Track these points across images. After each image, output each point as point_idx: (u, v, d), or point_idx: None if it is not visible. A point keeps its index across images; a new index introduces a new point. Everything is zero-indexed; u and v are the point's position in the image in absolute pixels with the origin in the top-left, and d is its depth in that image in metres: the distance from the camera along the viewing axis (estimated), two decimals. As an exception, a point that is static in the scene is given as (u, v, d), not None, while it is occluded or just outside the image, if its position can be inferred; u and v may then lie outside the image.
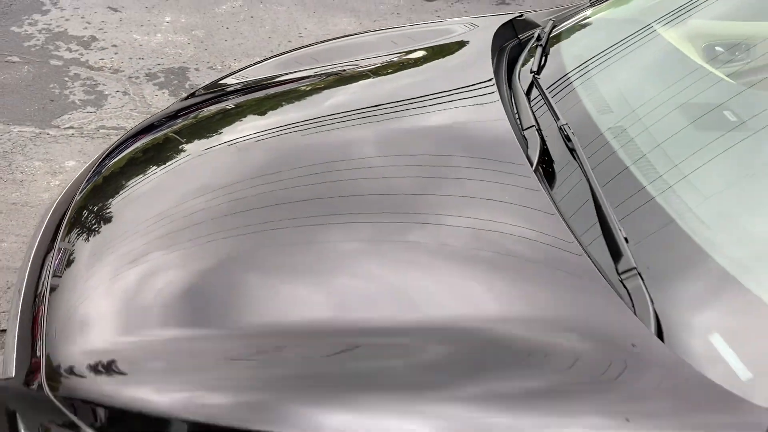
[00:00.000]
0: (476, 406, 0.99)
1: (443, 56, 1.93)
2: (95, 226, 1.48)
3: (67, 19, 4.39)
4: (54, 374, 1.19)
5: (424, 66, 1.91)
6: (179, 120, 1.82)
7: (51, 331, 1.27)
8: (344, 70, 1.91)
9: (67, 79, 3.82)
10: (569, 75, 1.66)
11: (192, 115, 1.83)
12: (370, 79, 1.83)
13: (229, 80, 2.10)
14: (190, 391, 1.08)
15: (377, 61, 1.91)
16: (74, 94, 3.65)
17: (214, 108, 1.84)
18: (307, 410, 1.01)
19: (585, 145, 1.37)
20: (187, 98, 2.08)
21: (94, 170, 1.71)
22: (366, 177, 1.40)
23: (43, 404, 1.16)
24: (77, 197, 1.61)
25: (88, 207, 1.55)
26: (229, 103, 1.84)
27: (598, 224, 1.21)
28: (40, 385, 1.19)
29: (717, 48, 1.66)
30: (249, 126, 1.69)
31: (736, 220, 1.22)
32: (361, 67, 1.91)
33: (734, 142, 1.30)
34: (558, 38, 1.90)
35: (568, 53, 1.78)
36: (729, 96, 1.43)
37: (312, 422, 0.99)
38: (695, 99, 1.45)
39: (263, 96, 1.87)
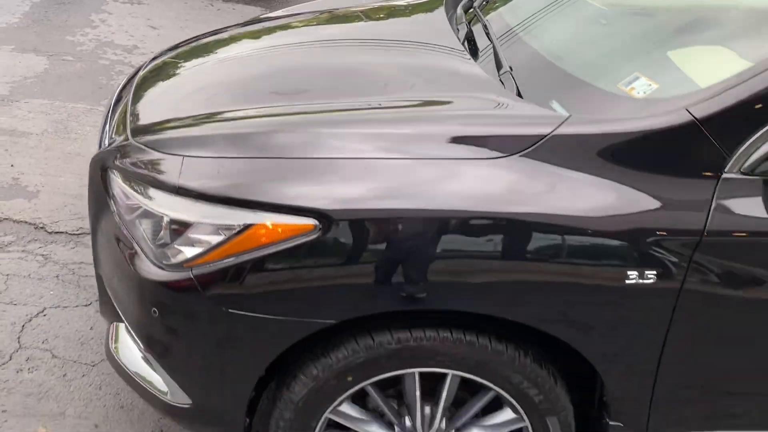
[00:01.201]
0: None
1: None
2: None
3: (113, 33, 5.13)
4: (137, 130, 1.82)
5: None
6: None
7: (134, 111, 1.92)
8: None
9: (113, 73, 4.50)
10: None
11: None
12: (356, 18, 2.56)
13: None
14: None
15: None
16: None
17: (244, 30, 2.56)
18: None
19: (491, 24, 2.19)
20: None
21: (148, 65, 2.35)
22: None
23: (129, 148, 1.75)
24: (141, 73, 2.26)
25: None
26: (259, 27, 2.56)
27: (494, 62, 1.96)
28: (127, 138, 1.77)
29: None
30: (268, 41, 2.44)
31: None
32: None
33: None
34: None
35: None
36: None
37: None
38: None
39: (283, 23, 2.59)
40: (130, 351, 1.92)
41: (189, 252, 1.59)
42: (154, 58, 2.38)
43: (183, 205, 1.60)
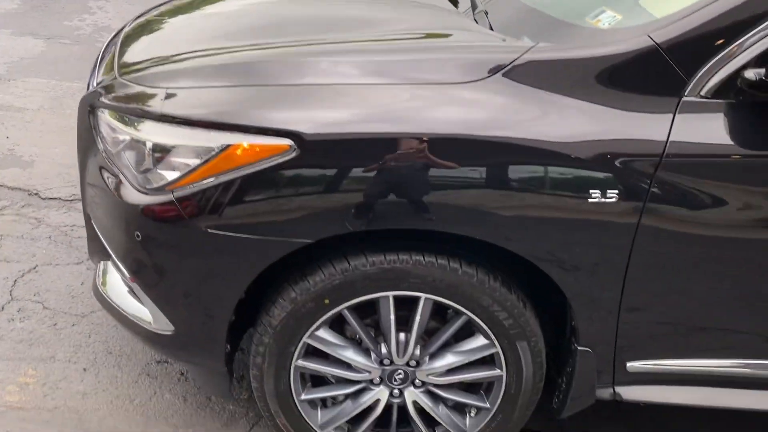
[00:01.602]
0: None
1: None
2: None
3: (110, 18, 5.19)
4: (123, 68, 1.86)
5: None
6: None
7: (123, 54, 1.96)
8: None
9: (108, 56, 4.61)
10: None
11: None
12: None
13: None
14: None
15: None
16: (113, 70, 4.41)
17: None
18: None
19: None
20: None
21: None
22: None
23: (115, 84, 1.80)
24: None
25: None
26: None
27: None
28: (114, 77, 1.82)
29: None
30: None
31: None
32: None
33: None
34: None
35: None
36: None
37: None
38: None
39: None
40: (116, 286, 1.97)
41: (170, 176, 1.65)
42: (138, 17, 2.45)
43: (165, 130, 1.65)
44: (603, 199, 1.59)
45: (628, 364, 1.84)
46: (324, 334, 1.81)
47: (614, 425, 2.23)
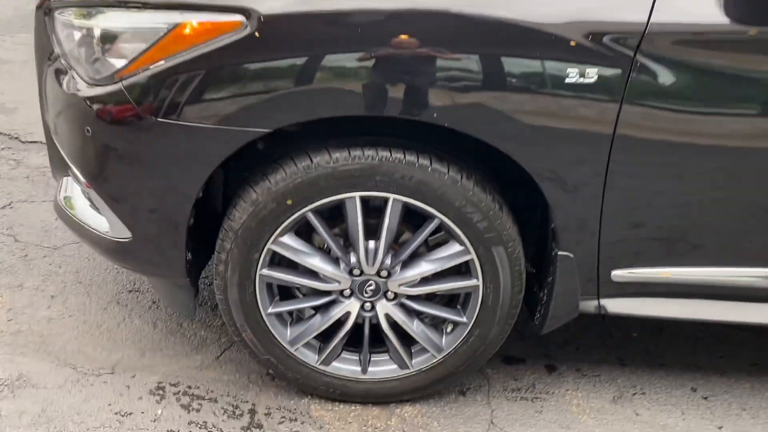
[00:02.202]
0: None
1: None
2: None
3: None
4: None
5: None
6: None
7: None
8: None
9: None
10: None
11: None
12: None
13: None
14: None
15: None
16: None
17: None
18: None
19: None
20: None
21: None
22: None
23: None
24: None
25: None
26: None
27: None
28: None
29: None
30: None
31: None
32: None
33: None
34: None
35: None
36: None
37: None
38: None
39: None
40: (76, 199, 1.87)
41: (118, 63, 1.53)
42: None
43: (113, 16, 1.54)
44: (582, 80, 1.45)
45: (613, 273, 1.71)
46: (289, 240, 1.69)
47: (604, 355, 2.14)
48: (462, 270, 1.77)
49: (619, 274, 1.72)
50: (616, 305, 1.78)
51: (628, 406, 1.96)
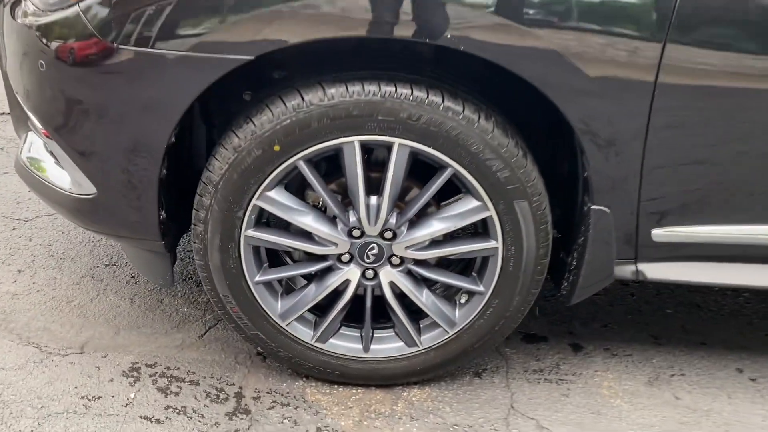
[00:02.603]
0: None
1: None
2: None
3: None
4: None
5: None
6: None
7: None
8: None
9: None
10: None
11: None
12: None
13: None
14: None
15: None
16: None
17: None
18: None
19: None
20: None
21: None
22: None
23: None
24: None
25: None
26: None
27: None
28: None
29: None
30: None
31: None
32: None
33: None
34: None
35: None
36: None
37: None
38: None
39: None
40: (38, 154, 1.63)
41: (75, -18, 1.32)
42: None
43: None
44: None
45: (654, 232, 1.47)
46: (278, 195, 1.45)
47: (635, 333, 1.91)
48: (479, 231, 1.53)
49: (660, 233, 1.47)
50: (656, 270, 1.53)
51: (666, 389, 1.72)
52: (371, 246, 1.51)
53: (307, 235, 1.51)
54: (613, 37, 1.30)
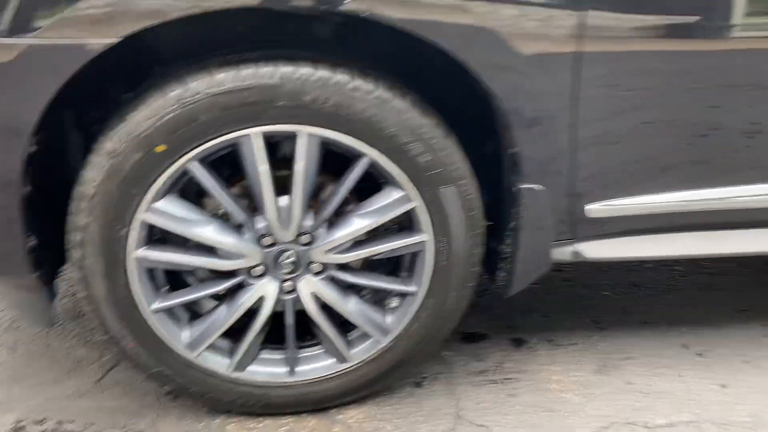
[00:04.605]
0: None
1: None
2: None
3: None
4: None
5: None
6: None
7: None
8: None
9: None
10: None
11: None
12: None
13: None
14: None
15: None
16: None
17: None
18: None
19: None
20: None
21: None
22: None
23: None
24: None
25: None
26: None
27: None
28: None
29: None
30: None
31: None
32: None
33: None
34: None
35: None
36: None
37: None
38: None
39: None
40: None
41: None
42: None
43: None
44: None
45: (587, 207, 1.33)
46: (168, 205, 1.20)
47: (576, 320, 1.78)
48: (405, 225, 1.35)
49: (594, 208, 1.33)
50: (595, 249, 1.38)
51: (616, 375, 1.58)
52: (287, 254, 1.28)
53: (210, 250, 1.28)
54: (534, 7, 1.16)
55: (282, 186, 1.25)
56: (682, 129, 1.32)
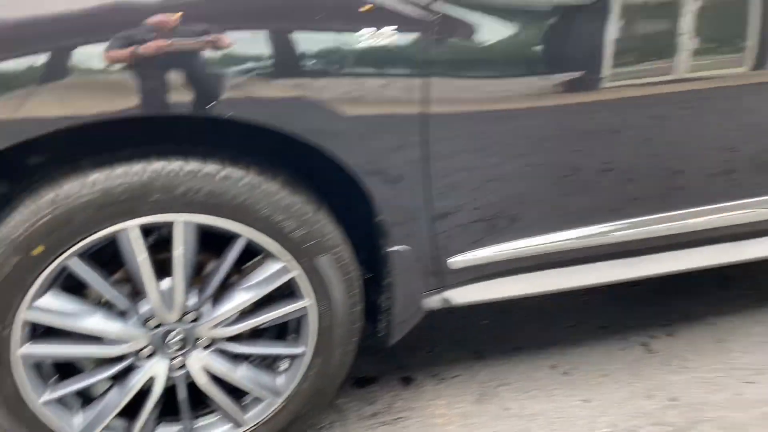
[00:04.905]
0: None
1: None
2: None
3: None
4: None
5: None
6: None
7: None
8: None
9: None
10: None
11: None
12: None
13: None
14: None
15: None
16: None
17: None
18: None
19: None
20: None
21: None
22: None
23: None
24: None
25: None
26: None
27: None
28: None
29: None
30: None
31: None
32: None
33: None
34: None
35: None
36: None
37: None
38: None
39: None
40: None
41: None
42: None
43: None
44: (378, 41, 1.20)
45: (450, 260, 1.47)
46: (51, 302, 1.23)
47: (459, 352, 1.93)
48: (287, 292, 1.43)
49: (457, 260, 1.48)
50: (461, 295, 1.53)
51: (494, 402, 1.73)
52: (173, 333, 1.33)
53: (97, 337, 1.31)
54: (379, 78, 1.26)
55: (164, 268, 1.31)
56: (532, 180, 1.48)
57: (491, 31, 1.30)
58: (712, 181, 1.63)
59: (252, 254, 1.37)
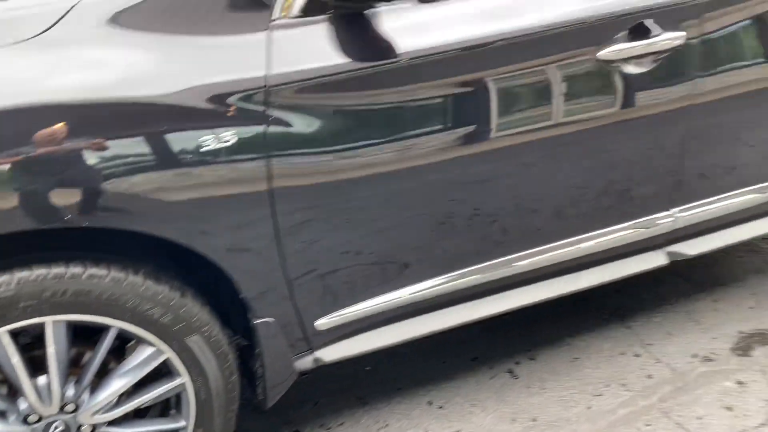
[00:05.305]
0: None
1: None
2: None
3: None
4: None
5: None
6: None
7: None
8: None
9: None
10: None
11: None
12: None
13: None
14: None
15: None
16: None
17: None
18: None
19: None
20: None
21: None
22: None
23: None
24: None
25: None
26: None
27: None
28: None
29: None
30: None
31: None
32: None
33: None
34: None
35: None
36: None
37: None
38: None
39: None
40: None
41: None
42: None
43: None
44: (219, 144, 1.37)
45: (316, 323, 1.62)
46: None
47: (344, 400, 2.05)
48: (164, 372, 1.53)
49: (322, 323, 1.62)
50: (331, 353, 1.68)
51: (376, 446, 1.91)
52: (55, 425, 1.41)
53: (-24, 441, 1.38)
54: (220, 164, 1.36)
55: (40, 364, 1.39)
56: (381, 240, 1.63)
57: (317, 121, 1.46)
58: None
59: (129, 339, 1.48)
